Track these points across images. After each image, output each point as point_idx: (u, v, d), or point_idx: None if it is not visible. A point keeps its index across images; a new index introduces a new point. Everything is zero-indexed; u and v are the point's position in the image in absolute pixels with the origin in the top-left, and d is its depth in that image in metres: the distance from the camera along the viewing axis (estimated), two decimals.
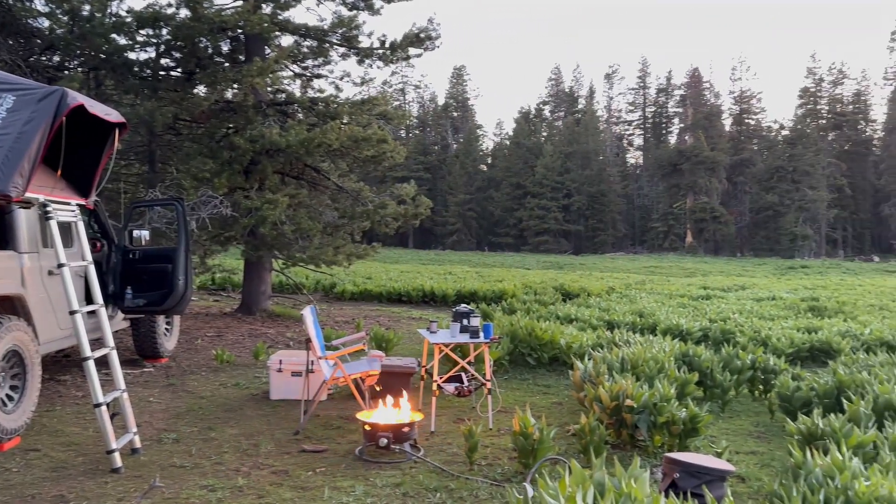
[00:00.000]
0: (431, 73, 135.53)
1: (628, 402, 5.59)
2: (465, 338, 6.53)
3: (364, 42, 13.58)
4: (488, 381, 6.45)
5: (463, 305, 6.99)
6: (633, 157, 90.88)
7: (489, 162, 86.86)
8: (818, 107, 76.08)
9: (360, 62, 13.94)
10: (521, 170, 74.21)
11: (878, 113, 76.04)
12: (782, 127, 77.11)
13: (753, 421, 6.83)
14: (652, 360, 6.78)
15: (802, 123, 73.31)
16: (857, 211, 72.07)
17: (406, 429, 5.41)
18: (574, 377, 6.76)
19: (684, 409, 5.50)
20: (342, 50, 13.89)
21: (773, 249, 65.57)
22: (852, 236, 72.69)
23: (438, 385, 6.48)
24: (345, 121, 13.42)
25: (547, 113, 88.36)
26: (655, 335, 9.93)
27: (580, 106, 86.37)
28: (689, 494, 3.57)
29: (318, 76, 14.69)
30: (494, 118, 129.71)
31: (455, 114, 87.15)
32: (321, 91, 14.89)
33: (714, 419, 6.73)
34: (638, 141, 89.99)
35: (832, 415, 5.17)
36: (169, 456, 5.44)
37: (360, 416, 5.69)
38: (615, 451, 5.66)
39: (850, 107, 76.32)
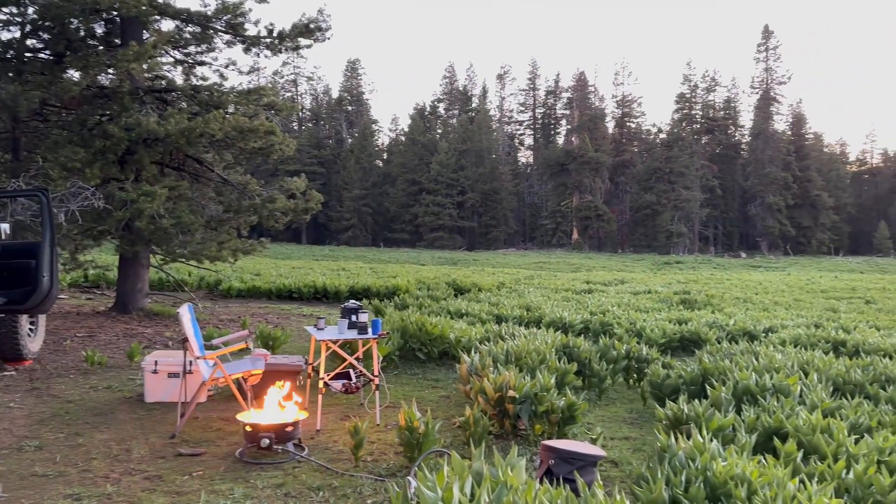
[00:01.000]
0: (326, 66, 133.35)
1: (511, 392, 5.75)
2: (353, 334, 6.47)
3: (251, 30, 13.16)
4: (376, 376, 6.42)
5: (352, 301, 6.92)
6: (524, 156, 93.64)
7: (385, 157, 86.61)
8: (693, 112, 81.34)
9: (247, 51, 13.48)
10: (417, 166, 74.53)
11: (746, 119, 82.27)
12: (660, 130, 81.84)
13: (628, 408, 7.21)
14: (535, 352, 7.00)
15: (678, 127, 78.13)
16: (726, 210, 77.79)
17: (289, 428, 5.29)
18: (461, 370, 6.86)
19: (563, 399, 5.72)
20: (227, 37, 13.38)
21: (651, 246, 69.59)
22: (722, 234, 78.40)
23: (325, 383, 6.38)
24: (230, 110, 12.94)
25: (442, 110, 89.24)
26: (541, 328, 10.28)
27: (474, 105, 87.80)
28: (562, 480, 3.71)
29: (202, 63, 14.08)
30: (390, 113, 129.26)
31: (349, 108, 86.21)
32: (204, 79, 14.28)
33: (591, 407, 7.05)
34: (528, 141, 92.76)
35: (696, 400, 5.55)
36: (30, 464, 5.04)
37: (241, 416, 5.51)
38: (498, 441, 5.80)
39: (722, 112, 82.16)
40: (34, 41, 12.38)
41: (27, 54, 12.22)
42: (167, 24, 13.26)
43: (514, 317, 12.01)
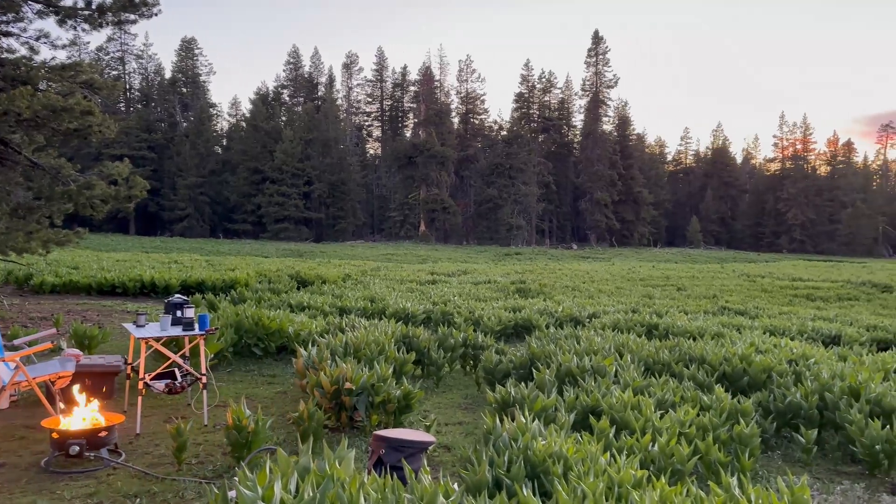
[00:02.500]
0: (159, 44, 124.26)
1: (347, 385, 5.70)
2: (177, 331, 6.08)
3: (66, 0, 11.90)
4: (203, 375, 6.09)
5: (177, 296, 6.50)
6: (373, 147, 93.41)
7: (224, 144, 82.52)
8: (531, 111, 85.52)
9: (62, 23, 12.18)
10: (260, 154, 71.75)
11: (578, 120, 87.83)
12: (501, 128, 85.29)
13: (463, 393, 7.44)
14: (374, 344, 7.00)
15: (518, 125, 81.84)
16: (560, 205, 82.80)
17: (103, 433, 4.87)
18: (297, 365, 6.70)
19: (400, 388, 5.77)
20: (38, 7, 12.01)
21: (493, 238, 72.46)
22: (557, 227, 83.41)
23: (146, 383, 5.95)
24: (41, 87, 11.63)
25: (286, 97, 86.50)
26: (384, 319, 10.31)
27: (320, 93, 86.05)
28: (391, 468, 3.74)
29: (8, 34, 12.52)
30: (230, 97, 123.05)
31: (184, 89, 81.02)
32: (11, 51, 12.72)
33: (429, 394, 7.19)
34: (377, 132, 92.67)
35: (523, 383, 5.83)
36: None
37: (47, 423, 5.00)
38: (335, 435, 5.73)
39: (556, 113, 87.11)
40: None
41: None
42: None
43: (357, 309, 11.96)
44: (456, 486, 3.53)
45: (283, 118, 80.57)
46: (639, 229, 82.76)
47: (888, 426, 5.43)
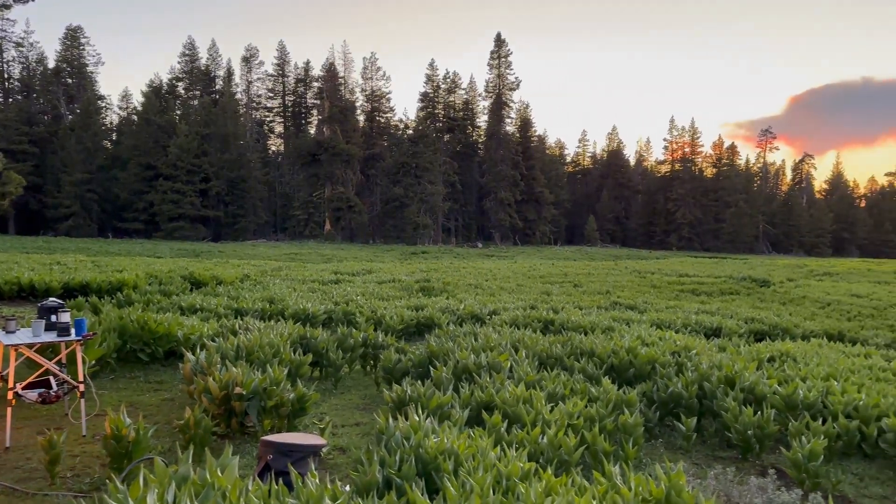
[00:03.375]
0: (42, 32, 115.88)
1: (238, 389, 5.51)
2: (51, 336, 5.67)
3: None
4: (81, 383, 5.72)
5: (51, 299, 6.06)
6: (275, 143, 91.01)
7: (114, 138, 77.97)
8: (436, 111, 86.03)
9: None
10: (152, 149, 68.26)
11: (482, 121, 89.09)
12: (407, 127, 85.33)
13: (362, 394, 7.37)
14: (268, 346, 6.81)
15: (423, 125, 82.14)
16: (466, 204, 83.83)
17: None
18: (184, 370, 6.41)
19: (293, 391, 5.64)
20: None
21: (400, 237, 72.41)
22: (463, 226, 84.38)
23: (16, 393, 5.51)
24: None
25: (181, 90, 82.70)
26: (281, 321, 10.05)
27: (218, 86, 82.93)
28: (278, 474, 3.64)
29: None
30: (120, 89, 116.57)
31: (69, 80, 75.93)
32: None
33: (326, 396, 7.07)
34: (279, 128, 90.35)
35: (420, 382, 5.84)
36: None
37: None
38: (225, 441, 5.53)
39: (461, 113, 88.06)
40: None
41: None
42: None
43: (255, 310, 11.60)
44: (348, 488, 3.49)
45: (178, 112, 77.04)
46: (541, 228, 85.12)
47: (759, 412, 5.84)
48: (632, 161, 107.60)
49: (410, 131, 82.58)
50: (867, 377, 7.76)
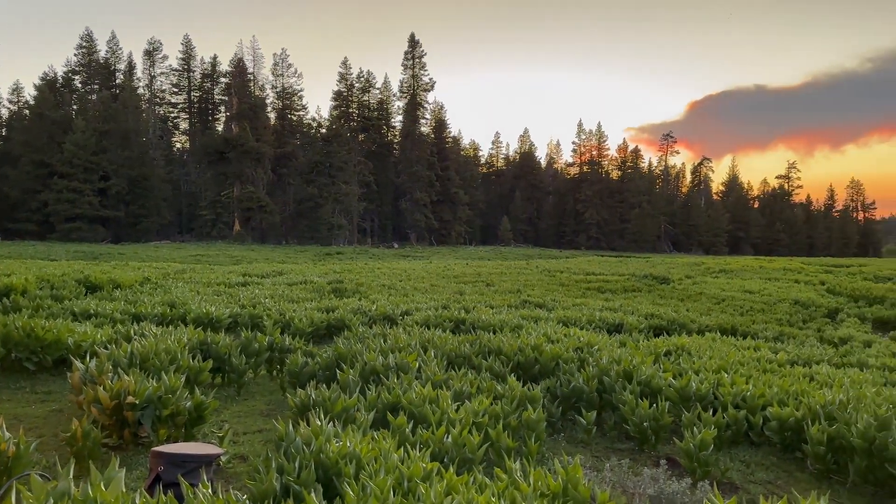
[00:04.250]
0: None
1: (130, 398, 5.24)
2: None
3: None
4: None
5: None
6: (180, 140, 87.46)
7: (3, 134, 72.71)
8: (350, 110, 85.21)
9: None
10: (46, 146, 64.09)
11: (397, 121, 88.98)
12: (320, 125, 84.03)
13: (267, 400, 7.17)
14: (164, 352, 6.52)
15: (337, 124, 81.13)
16: (381, 204, 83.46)
17: None
18: (72, 379, 6.04)
19: (191, 399, 5.42)
20: None
21: (314, 237, 71.20)
22: (378, 226, 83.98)
23: None
24: None
25: (78, 83, 78.07)
26: (185, 325, 9.66)
27: (118, 80, 78.88)
28: (169, 486, 3.48)
29: None
30: (10, 82, 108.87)
31: None
32: None
33: (229, 403, 6.85)
34: (184, 125, 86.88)
35: (324, 385, 5.75)
36: None
37: None
38: (117, 453, 5.24)
39: (376, 113, 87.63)
40: None
41: None
42: None
43: (154, 315, 11.10)
44: (245, 497, 3.37)
45: (75, 107, 72.72)
46: (456, 228, 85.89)
47: (655, 405, 6.09)
48: (543, 163, 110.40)
49: (324, 130, 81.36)
50: (755, 369, 8.27)
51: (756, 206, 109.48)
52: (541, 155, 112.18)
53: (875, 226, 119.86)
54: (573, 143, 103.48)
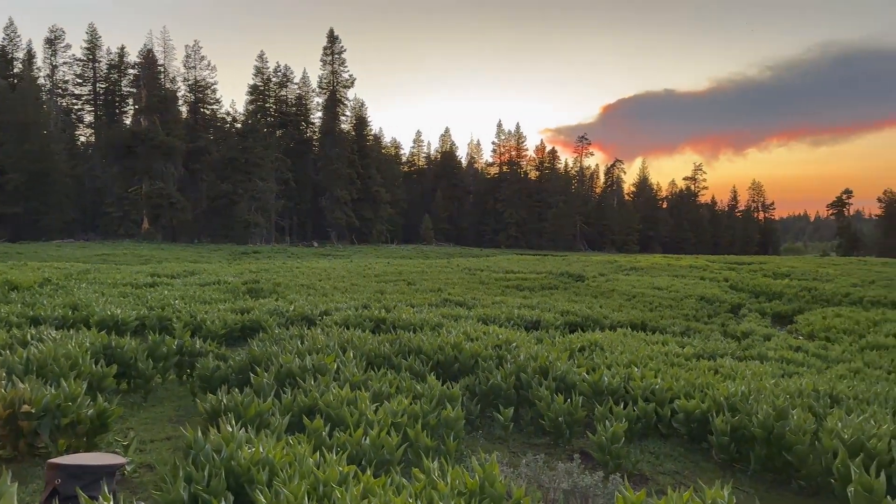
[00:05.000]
0: None
1: (26, 407, 4.91)
2: None
3: None
4: None
5: None
6: (84, 134, 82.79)
7: None
8: (266, 105, 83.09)
9: None
10: None
11: (317, 117, 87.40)
12: (235, 120, 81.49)
13: (176, 406, 6.88)
14: (64, 358, 6.14)
15: (253, 119, 78.96)
16: (300, 202, 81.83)
17: None
18: None
19: (93, 407, 5.13)
20: None
21: (229, 236, 69.03)
22: (297, 224, 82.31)
23: None
24: None
25: None
26: (88, 328, 9.14)
27: (17, 70, 73.91)
28: (65, 500, 3.27)
29: None
30: None
31: None
32: None
33: (135, 409, 6.53)
34: (89, 118, 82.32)
35: (237, 390, 5.57)
36: None
37: None
38: (11, 466, 4.89)
39: (294, 109, 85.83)
40: None
41: None
42: None
43: (54, 318, 10.47)
44: None
45: None
46: (377, 227, 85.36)
47: (570, 400, 6.24)
48: (464, 163, 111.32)
49: (239, 125, 78.98)
50: (664, 363, 8.61)
51: (665, 206, 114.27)
52: (462, 154, 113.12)
53: (774, 225, 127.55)
54: (493, 143, 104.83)
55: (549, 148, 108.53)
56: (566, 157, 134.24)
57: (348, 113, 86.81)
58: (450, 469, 3.91)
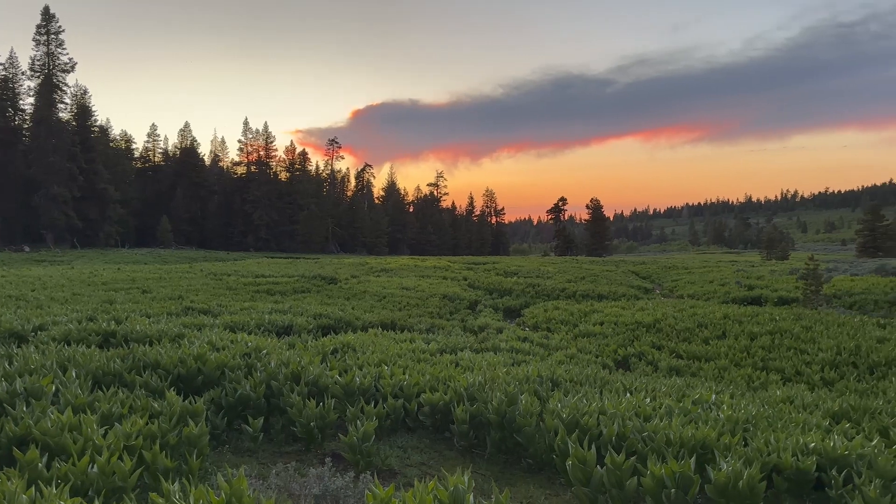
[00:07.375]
0: None
1: None
2: None
3: None
4: None
5: None
6: None
7: None
8: None
9: None
10: None
11: (28, 104, 75.74)
12: None
13: None
14: None
15: None
16: (7, 200, 70.28)
17: None
18: None
19: None
20: None
21: None
22: (3, 226, 70.51)
23: None
24: None
25: None
26: None
27: None
28: None
29: None
30: None
31: None
32: None
33: None
34: None
35: None
36: None
37: None
38: None
39: None
40: None
41: None
42: None
43: None
44: None
45: None
46: (105, 229, 76.66)
47: (322, 403, 6.23)
48: (208, 160, 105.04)
49: None
50: (411, 359, 9.02)
51: (411, 210, 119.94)
52: (205, 152, 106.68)
53: (504, 228, 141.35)
54: (240, 141, 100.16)
55: (299, 149, 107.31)
56: (317, 160, 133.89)
57: (68, 100, 76.84)
58: (192, 489, 3.67)
